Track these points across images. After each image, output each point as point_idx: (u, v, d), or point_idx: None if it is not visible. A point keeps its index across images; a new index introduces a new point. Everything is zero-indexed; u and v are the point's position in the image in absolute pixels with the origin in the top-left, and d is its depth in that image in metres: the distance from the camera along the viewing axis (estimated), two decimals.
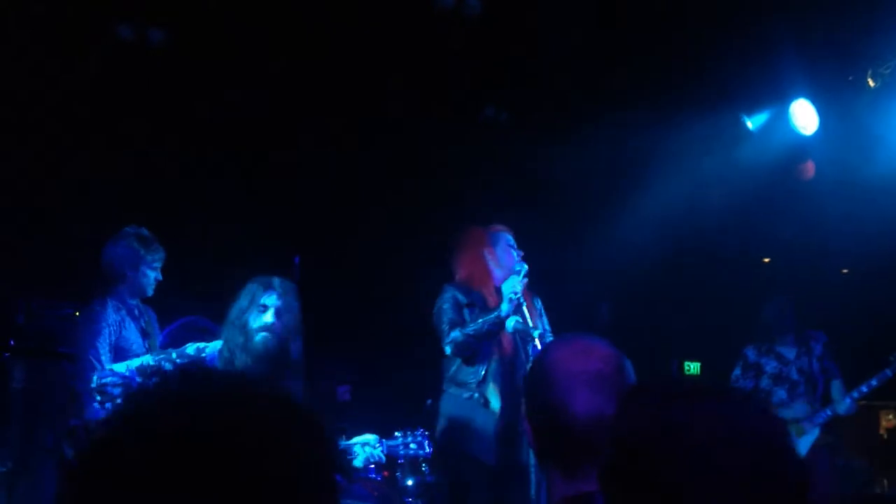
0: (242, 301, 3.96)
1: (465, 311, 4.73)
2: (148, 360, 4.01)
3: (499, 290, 4.72)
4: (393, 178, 6.94)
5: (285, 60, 5.87)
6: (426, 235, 7.12)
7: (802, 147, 6.29)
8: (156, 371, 3.91)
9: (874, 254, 6.15)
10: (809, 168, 6.52)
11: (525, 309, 4.50)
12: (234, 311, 3.96)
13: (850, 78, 5.77)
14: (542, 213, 6.69)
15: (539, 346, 4.21)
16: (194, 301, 5.41)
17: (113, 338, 4.33)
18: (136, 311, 4.58)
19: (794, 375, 6.01)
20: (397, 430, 4.28)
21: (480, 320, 4.59)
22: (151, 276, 4.55)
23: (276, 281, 4.01)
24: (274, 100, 6.14)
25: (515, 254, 4.85)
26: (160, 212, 6.02)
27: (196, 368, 0.94)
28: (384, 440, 4.12)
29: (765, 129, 6.33)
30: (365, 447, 4.02)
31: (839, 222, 6.28)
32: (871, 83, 5.64)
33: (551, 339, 4.76)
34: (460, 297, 4.79)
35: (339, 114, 6.41)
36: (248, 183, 6.56)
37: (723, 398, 1.27)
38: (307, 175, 6.72)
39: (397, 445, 4.20)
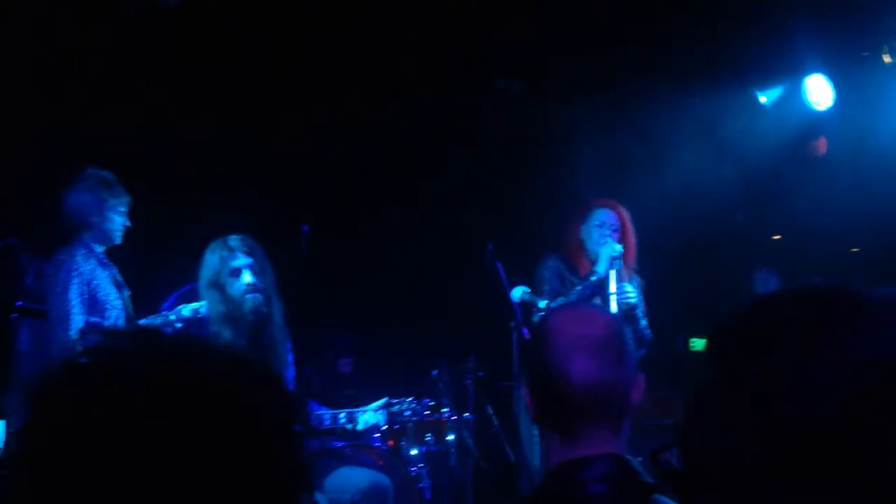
0: (215, 264, 3.97)
1: (568, 284, 4.76)
2: (149, 322, 4.02)
3: (594, 264, 4.76)
4: (404, 148, 6.91)
5: (297, 26, 5.84)
6: (436, 208, 7.12)
7: (816, 123, 6.24)
8: None
9: (884, 233, 6.10)
10: (822, 144, 6.47)
11: (615, 277, 4.55)
12: (207, 272, 3.97)
13: (866, 54, 5.71)
14: (552, 184, 6.67)
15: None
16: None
17: (85, 288, 4.15)
18: (107, 261, 4.38)
19: None
20: (396, 398, 4.32)
21: (580, 286, 4.64)
22: (118, 222, 4.33)
23: (234, 241, 4.01)
24: (286, 66, 6.11)
25: (602, 232, 4.83)
26: (168, 179, 6.02)
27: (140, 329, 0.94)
28: (385, 408, 4.15)
29: (778, 104, 6.28)
30: (366, 412, 4.06)
31: (851, 200, 6.24)
32: (887, 59, 5.58)
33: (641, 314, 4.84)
34: (564, 268, 4.85)
35: (349, 83, 6.38)
36: (256, 151, 6.54)
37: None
38: (316, 143, 6.70)
39: (396, 413, 4.23)
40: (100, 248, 4.35)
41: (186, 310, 4.03)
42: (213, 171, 6.36)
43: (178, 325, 3.98)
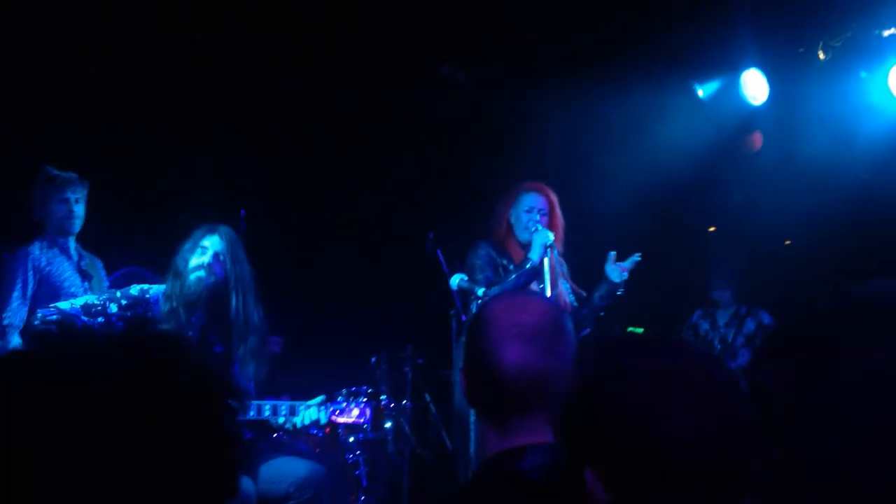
0: (185, 245, 3.94)
1: (501, 270, 4.67)
2: (92, 299, 3.95)
3: (524, 249, 4.66)
4: (345, 135, 6.86)
5: (239, 13, 5.75)
6: (378, 195, 7.09)
7: (752, 117, 6.34)
8: (101, 311, 3.86)
9: (816, 226, 6.24)
10: (757, 139, 6.58)
11: (548, 265, 4.47)
12: (180, 258, 3.93)
13: (801, 50, 5.81)
14: (494, 172, 6.68)
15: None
16: (138, 252, 5.34)
17: (33, 275, 4.46)
18: (74, 252, 4.67)
19: (716, 343, 6.15)
20: (340, 395, 4.29)
21: (514, 275, 4.54)
22: (64, 210, 4.61)
23: (223, 228, 3.98)
24: (228, 48, 6.01)
25: (531, 217, 4.73)
26: (107, 161, 5.89)
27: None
28: (328, 404, 4.12)
29: (715, 98, 6.35)
30: (309, 409, 4.02)
31: (784, 193, 6.36)
32: (822, 55, 5.69)
33: (572, 300, 4.80)
34: (495, 254, 4.73)
35: (291, 69, 6.30)
36: (195, 135, 6.43)
37: (669, 346, 1.30)
38: (255, 128, 6.61)
39: (340, 411, 4.20)
40: (64, 239, 4.67)
41: (134, 289, 3.99)
42: (153, 156, 6.25)
43: (124, 302, 3.91)
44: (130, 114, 5.98)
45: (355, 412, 4.18)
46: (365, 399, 4.35)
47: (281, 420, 3.98)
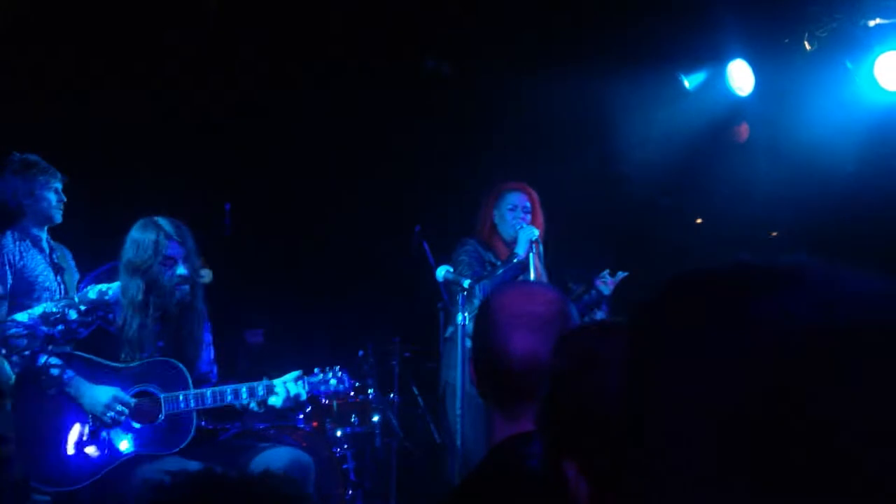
0: (147, 249, 3.88)
1: (487, 266, 4.77)
2: (50, 307, 3.89)
3: (509, 246, 4.80)
4: (333, 128, 6.83)
5: (228, 6, 5.72)
6: (365, 187, 7.07)
7: (738, 108, 6.34)
8: (60, 318, 3.80)
9: (803, 217, 6.25)
10: (744, 130, 6.58)
11: (533, 260, 4.58)
12: (137, 257, 3.88)
13: (787, 40, 5.80)
14: (481, 165, 6.66)
15: None
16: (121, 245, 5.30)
17: (8, 269, 4.22)
18: (45, 244, 4.46)
19: None
20: (316, 368, 4.28)
21: (502, 269, 4.63)
22: (53, 199, 4.40)
23: (170, 227, 3.94)
24: (211, 40, 5.98)
25: (515, 215, 4.88)
26: (88, 155, 5.85)
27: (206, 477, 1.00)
28: (305, 377, 4.12)
29: (702, 89, 6.35)
30: (286, 384, 4.02)
31: (770, 185, 6.36)
32: (808, 46, 5.69)
33: None
34: (482, 250, 4.85)
35: (278, 61, 6.27)
36: (180, 127, 6.40)
37: None
38: (242, 121, 6.58)
39: (317, 382, 4.20)
40: (39, 231, 4.42)
41: (93, 292, 3.94)
42: (136, 148, 6.21)
43: (83, 307, 3.88)
44: (115, 107, 5.94)
45: (333, 381, 4.18)
46: (341, 368, 4.32)
47: (245, 401, 3.98)
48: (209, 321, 4.20)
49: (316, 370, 4.27)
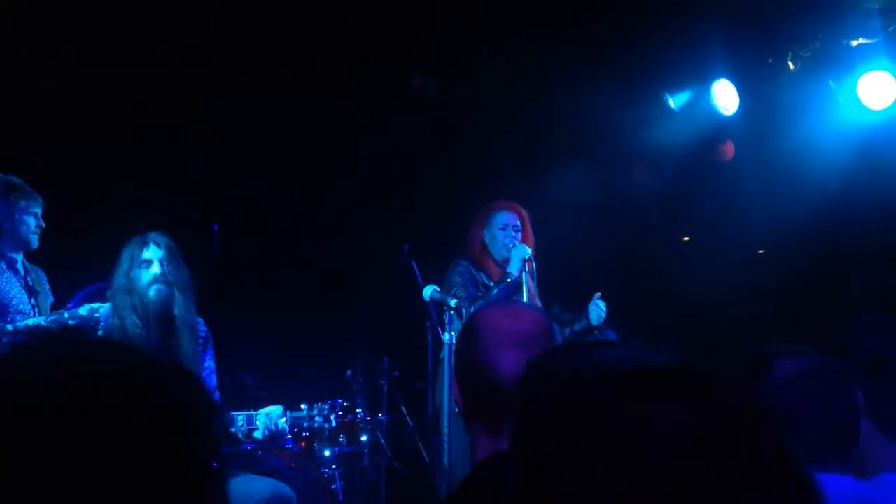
0: (123, 264, 3.90)
1: (481, 286, 4.78)
2: (39, 321, 3.88)
3: (500, 266, 4.80)
4: (319, 147, 6.84)
5: (211, 18, 5.73)
6: (353, 207, 7.07)
7: (723, 127, 6.38)
8: None
9: (788, 234, 6.29)
10: (729, 149, 6.63)
11: (526, 279, 4.60)
12: (117, 276, 3.90)
13: (771, 60, 5.86)
14: (469, 184, 6.69)
15: None
16: (109, 267, 5.28)
17: None
18: (21, 267, 4.34)
19: None
20: (304, 403, 4.26)
21: (496, 289, 4.64)
22: (32, 224, 4.27)
23: (152, 234, 3.96)
24: (197, 62, 5.98)
25: (506, 234, 4.88)
26: (77, 177, 5.84)
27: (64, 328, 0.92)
28: (289, 412, 4.10)
29: (687, 109, 6.40)
30: (269, 416, 3.99)
31: (756, 203, 6.41)
32: (791, 66, 5.75)
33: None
34: (474, 271, 4.85)
35: (266, 81, 6.28)
36: (167, 149, 6.39)
37: (620, 347, 1.30)
38: (229, 141, 6.58)
39: (302, 417, 4.17)
40: (14, 254, 4.29)
41: (83, 309, 3.93)
42: (123, 171, 6.19)
43: (72, 322, 3.86)
44: (101, 123, 5.93)
45: (318, 419, 4.16)
46: (330, 405, 4.31)
47: (239, 425, 3.96)
48: (213, 349, 4.17)
49: (303, 406, 4.25)
